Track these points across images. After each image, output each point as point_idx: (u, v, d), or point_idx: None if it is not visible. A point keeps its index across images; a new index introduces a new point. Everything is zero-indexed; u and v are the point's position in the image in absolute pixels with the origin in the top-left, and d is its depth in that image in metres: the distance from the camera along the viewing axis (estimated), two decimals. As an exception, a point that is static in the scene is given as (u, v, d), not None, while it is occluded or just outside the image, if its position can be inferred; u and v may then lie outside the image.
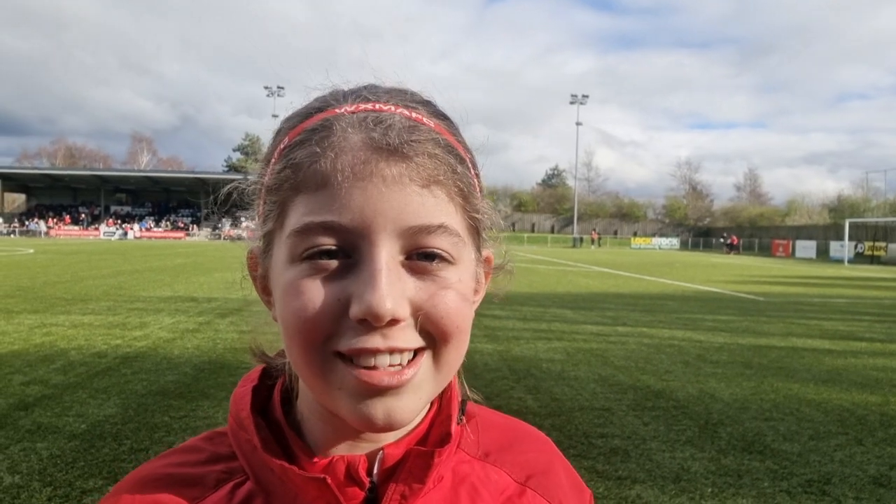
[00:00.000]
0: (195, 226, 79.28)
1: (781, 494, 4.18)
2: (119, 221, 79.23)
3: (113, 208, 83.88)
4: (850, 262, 46.64)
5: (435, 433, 0.71)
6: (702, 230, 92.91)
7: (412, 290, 0.60)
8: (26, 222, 75.08)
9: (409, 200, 0.59)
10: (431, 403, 0.72)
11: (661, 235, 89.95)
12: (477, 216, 0.66)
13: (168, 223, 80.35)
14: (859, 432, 5.47)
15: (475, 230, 0.67)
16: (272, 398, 0.73)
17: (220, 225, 77.00)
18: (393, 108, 0.63)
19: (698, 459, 4.75)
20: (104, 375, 6.79)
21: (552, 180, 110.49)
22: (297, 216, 0.61)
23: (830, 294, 19.51)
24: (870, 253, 49.89)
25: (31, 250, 35.43)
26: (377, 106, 0.63)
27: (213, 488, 0.68)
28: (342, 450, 0.68)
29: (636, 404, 6.18)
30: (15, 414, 5.41)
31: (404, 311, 0.59)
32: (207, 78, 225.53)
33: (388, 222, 0.59)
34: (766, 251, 64.92)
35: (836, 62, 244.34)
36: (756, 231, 78.63)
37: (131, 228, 75.58)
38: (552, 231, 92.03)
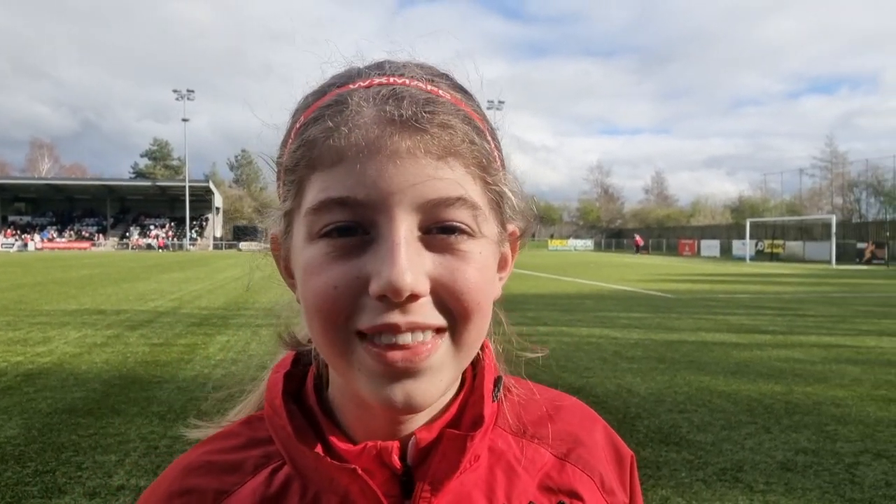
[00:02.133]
0: (101, 235, 75.79)
1: (698, 483, 4.34)
2: (18, 232, 74.97)
3: (11, 218, 79.23)
4: (751, 259, 49.11)
5: (468, 414, 0.69)
6: (614, 231, 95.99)
7: (431, 266, 0.59)
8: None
9: (425, 173, 0.58)
10: (463, 382, 0.71)
11: (577, 237, 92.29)
12: (498, 189, 0.64)
13: (72, 233, 76.54)
14: (767, 420, 5.74)
15: (497, 204, 0.65)
16: (305, 385, 0.72)
17: (128, 234, 74.07)
18: (408, 82, 0.61)
19: (619, 453, 4.86)
20: (4, 395, 6.39)
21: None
22: (314, 193, 0.59)
23: (735, 290, 20.48)
24: (769, 250, 52.70)
25: (-82, 264, 33.07)
26: (392, 80, 0.62)
27: (251, 473, 0.68)
28: (375, 435, 0.66)
29: (558, 402, 6.28)
30: None
31: (424, 287, 0.57)
32: (109, 82, 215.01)
33: (405, 196, 0.57)
34: (673, 250, 67.58)
35: (730, 70, 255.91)
36: (664, 231, 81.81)
37: (31, 239, 71.68)
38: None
